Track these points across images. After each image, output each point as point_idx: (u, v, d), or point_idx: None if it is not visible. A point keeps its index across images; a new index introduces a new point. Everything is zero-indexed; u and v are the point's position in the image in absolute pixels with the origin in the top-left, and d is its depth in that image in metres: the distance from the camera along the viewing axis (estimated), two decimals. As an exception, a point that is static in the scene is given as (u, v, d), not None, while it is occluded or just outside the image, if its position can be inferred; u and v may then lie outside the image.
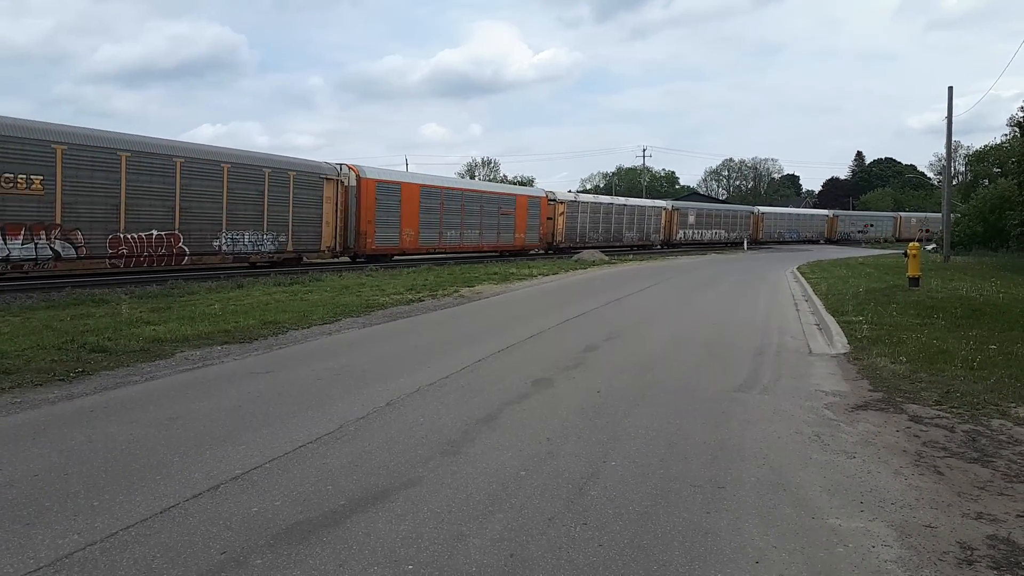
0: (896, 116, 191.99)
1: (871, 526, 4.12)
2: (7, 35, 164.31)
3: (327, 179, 24.71)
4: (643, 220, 49.98)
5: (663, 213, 52.49)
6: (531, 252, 39.18)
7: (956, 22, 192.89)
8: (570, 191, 48.87)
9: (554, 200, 40.86)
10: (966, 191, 55.70)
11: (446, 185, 33.19)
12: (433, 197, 30.70)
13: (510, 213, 36.64)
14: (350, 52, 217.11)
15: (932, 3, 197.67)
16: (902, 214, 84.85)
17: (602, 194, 75.86)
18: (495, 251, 36.14)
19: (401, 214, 28.51)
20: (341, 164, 26.02)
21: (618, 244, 46.90)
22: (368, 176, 26.95)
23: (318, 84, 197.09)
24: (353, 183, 26.28)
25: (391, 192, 28.00)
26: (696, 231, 55.77)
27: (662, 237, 51.85)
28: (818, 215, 72.88)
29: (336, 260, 26.53)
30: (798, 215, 69.67)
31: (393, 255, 28.99)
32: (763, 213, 62.99)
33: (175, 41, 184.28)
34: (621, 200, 50.46)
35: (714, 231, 57.52)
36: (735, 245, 58.17)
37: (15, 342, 9.11)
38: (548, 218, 40.25)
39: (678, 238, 53.23)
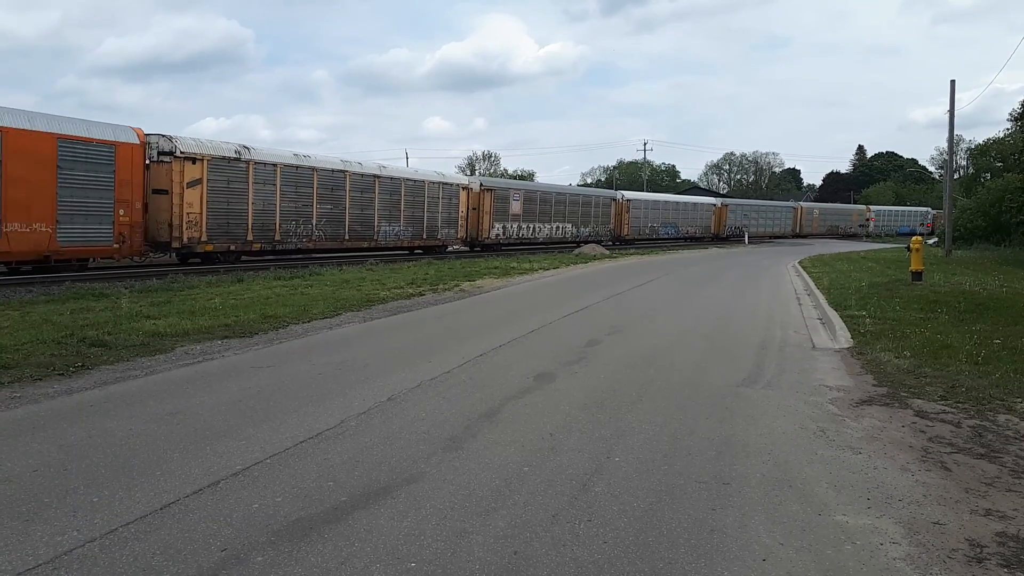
0: (900, 110, 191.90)
1: (879, 523, 4.07)
2: (13, 28, 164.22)
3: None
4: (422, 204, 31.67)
5: (462, 192, 34.07)
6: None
7: (964, 15, 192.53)
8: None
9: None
10: (968, 185, 55.58)
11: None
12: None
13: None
14: (356, 45, 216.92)
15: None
16: (803, 204, 75.12)
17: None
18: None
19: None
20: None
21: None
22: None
23: (323, 77, 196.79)
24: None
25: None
26: (524, 225, 38.67)
27: (461, 234, 34.35)
28: (703, 204, 59.42)
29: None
30: (676, 204, 56.12)
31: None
32: (629, 201, 49.31)
33: (182, 35, 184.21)
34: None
35: (554, 225, 41.54)
36: (591, 243, 41.60)
37: (14, 336, 9.06)
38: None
39: (493, 235, 36.18)
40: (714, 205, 59.48)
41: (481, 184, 36.18)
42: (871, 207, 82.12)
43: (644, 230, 50.24)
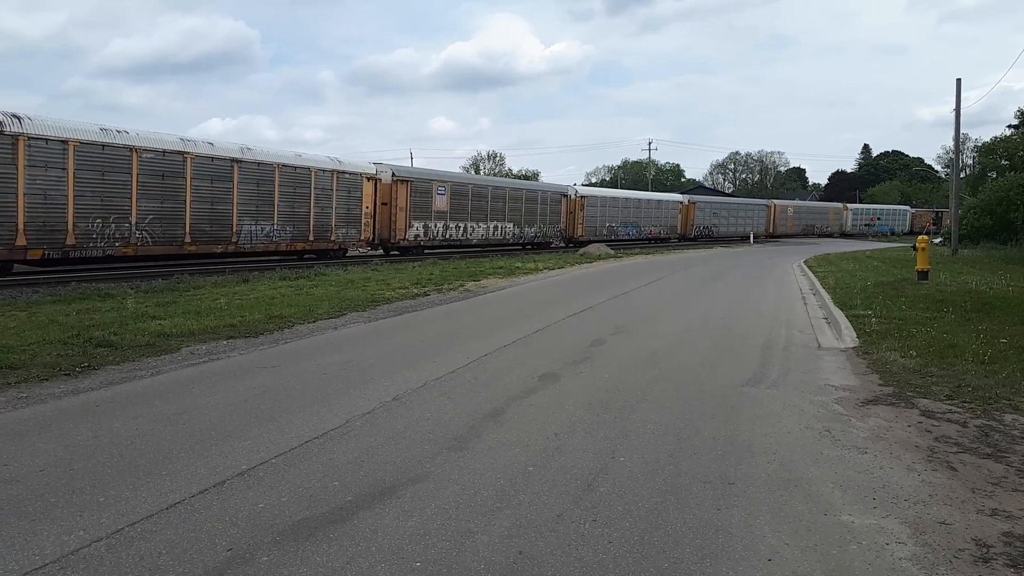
0: (906, 109, 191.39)
1: (885, 523, 4.06)
2: (19, 29, 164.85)
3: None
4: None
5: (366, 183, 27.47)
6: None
7: (970, 14, 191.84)
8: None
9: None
10: (974, 184, 55.37)
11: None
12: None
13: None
14: (361, 45, 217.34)
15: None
16: (776, 202, 69.13)
17: (608, 188, 75.63)
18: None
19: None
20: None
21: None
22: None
23: (328, 78, 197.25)
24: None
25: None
26: (452, 224, 32.55)
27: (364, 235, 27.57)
28: (668, 201, 54.10)
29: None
30: (638, 201, 50.31)
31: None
32: (583, 197, 43.77)
33: (188, 35, 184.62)
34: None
35: (492, 224, 35.43)
36: (532, 248, 38.42)
37: (21, 336, 9.09)
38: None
39: (411, 236, 29.90)
40: (680, 203, 54.63)
41: (393, 174, 29.12)
42: (848, 205, 79.14)
43: (601, 230, 44.39)
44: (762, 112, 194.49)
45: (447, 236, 32.21)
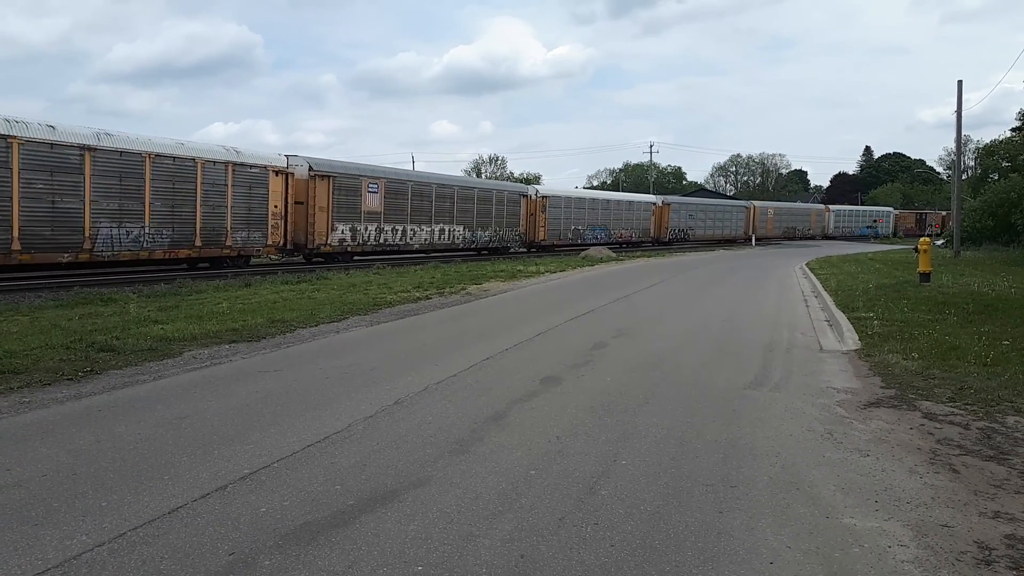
0: (908, 110, 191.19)
1: (887, 525, 4.06)
2: (23, 34, 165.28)
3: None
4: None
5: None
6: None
7: (973, 15, 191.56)
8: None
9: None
10: (976, 186, 55.29)
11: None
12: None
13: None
14: (364, 49, 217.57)
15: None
16: (755, 203, 65.64)
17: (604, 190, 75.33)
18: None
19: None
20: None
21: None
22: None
23: (331, 82, 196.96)
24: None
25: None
26: (388, 227, 28.47)
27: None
28: (640, 203, 50.14)
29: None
30: (607, 203, 46.48)
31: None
32: (545, 197, 40.08)
33: (192, 40, 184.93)
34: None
35: (437, 228, 31.47)
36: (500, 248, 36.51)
37: (24, 341, 9.11)
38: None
39: (335, 240, 25.96)
40: (653, 204, 51.08)
41: (311, 167, 25.04)
42: (830, 207, 76.91)
43: (567, 234, 41.12)
44: (764, 114, 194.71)
45: (381, 240, 28.06)
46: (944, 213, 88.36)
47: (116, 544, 3.71)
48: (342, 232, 26.26)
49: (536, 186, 43.96)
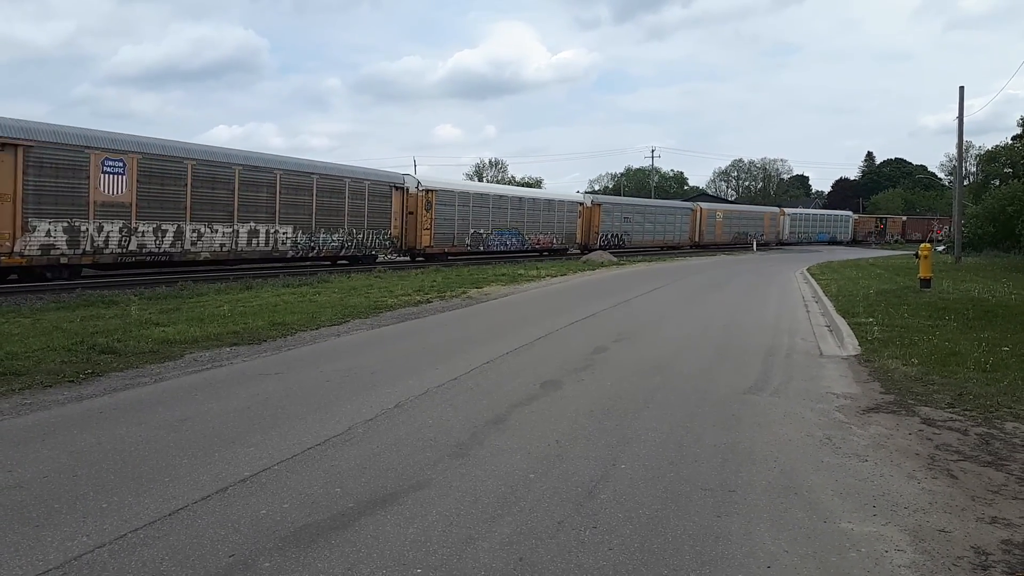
0: (911, 116, 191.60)
1: (884, 530, 4.07)
2: (29, 38, 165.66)
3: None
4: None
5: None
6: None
7: (976, 22, 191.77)
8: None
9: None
10: (977, 192, 55.32)
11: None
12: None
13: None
14: (369, 53, 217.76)
15: (952, 3, 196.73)
16: (702, 205, 59.76)
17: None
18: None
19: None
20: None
21: None
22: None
23: (335, 86, 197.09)
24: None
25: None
26: (148, 226, 19.43)
27: None
28: (563, 202, 42.44)
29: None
30: (519, 201, 38.52)
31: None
32: (432, 191, 31.58)
33: (198, 43, 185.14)
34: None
35: (244, 227, 22.19)
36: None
37: (25, 343, 9.14)
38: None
39: (34, 246, 16.87)
40: (580, 204, 43.51)
41: None
42: (786, 210, 71.02)
43: (463, 239, 33.38)
44: (767, 119, 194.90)
45: (129, 247, 18.97)
46: (904, 218, 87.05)
47: (117, 545, 3.73)
48: (51, 234, 17.32)
49: (418, 177, 32.37)
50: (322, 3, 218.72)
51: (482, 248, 35.04)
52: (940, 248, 43.38)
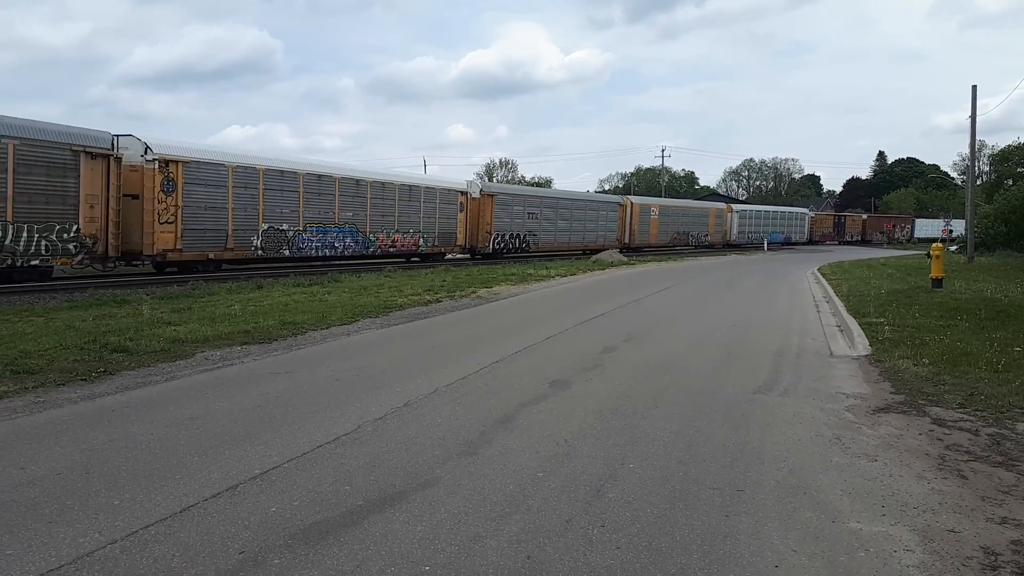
0: (925, 115, 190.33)
1: (893, 530, 4.06)
2: (46, 39, 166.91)
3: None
4: None
5: None
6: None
7: (992, 20, 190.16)
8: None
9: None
10: (990, 191, 54.95)
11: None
12: None
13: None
14: (382, 54, 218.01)
15: (967, 2, 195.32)
16: (633, 199, 49.54)
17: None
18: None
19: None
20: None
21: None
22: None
23: (348, 86, 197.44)
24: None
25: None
26: None
27: None
28: (440, 189, 31.80)
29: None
30: (382, 187, 28.36)
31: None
32: (178, 162, 20.33)
33: (213, 45, 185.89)
34: None
35: None
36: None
37: (38, 342, 9.22)
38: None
39: None
40: (462, 194, 32.91)
41: None
42: (733, 206, 62.44)
43: (273, 242, 23.54)
44: (780, 119, 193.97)
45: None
46: (865, 216, 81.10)
47: (128, 542, 3.76)
48: None
49: (170, 142, 20.99)
50: (336, 4, 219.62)
51: (287, 252, 24.04)
52: (952, 248, 43.12)
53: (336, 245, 26.25)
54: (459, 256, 33.79)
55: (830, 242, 70.40)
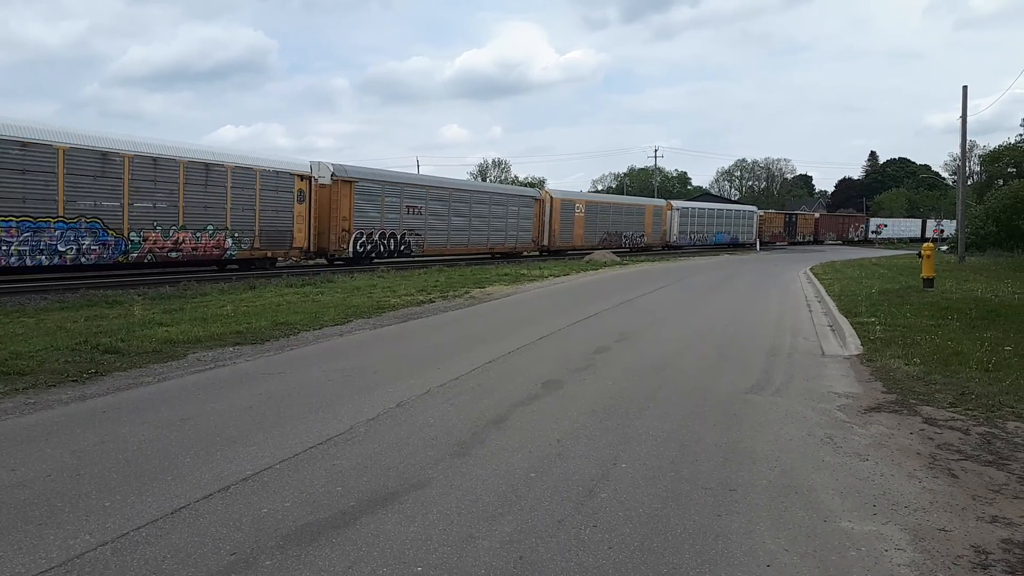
0: (918, 115, 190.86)
1: (884, 529, 4.08)
2: (40, 37, 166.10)
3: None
4: None
5: None
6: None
7: (987, 21, 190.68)
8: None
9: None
10: (981, 191, 55.21)
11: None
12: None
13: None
14: (376, 54, 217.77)
15: (962, 2, 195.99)
16: (551, 192, 40.79)
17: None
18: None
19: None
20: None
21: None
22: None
23: (343, 86, 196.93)
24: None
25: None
26: None
27: None
28: (268, 171, 22.49)
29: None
30: (204, 169, 20.22)
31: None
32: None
33: (208, 44, 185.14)
34: None
35: None
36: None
37: (29, 343, 9.17)
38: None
39: None
40: (302, 178, 23.94)
41: None
42: (673, 203, 54.33)
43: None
44: (774, 119, 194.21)
45: None
46: (817, 215, 76.87)
47: (119, 544, 3.75)
48: None
49: None
50: (331, 3, 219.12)
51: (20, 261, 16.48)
52: (943, 248, 43.31)
53: (59, 249, 17.14)
54: (305, 263, 25.75)
55: (780, 243, 64.75)
